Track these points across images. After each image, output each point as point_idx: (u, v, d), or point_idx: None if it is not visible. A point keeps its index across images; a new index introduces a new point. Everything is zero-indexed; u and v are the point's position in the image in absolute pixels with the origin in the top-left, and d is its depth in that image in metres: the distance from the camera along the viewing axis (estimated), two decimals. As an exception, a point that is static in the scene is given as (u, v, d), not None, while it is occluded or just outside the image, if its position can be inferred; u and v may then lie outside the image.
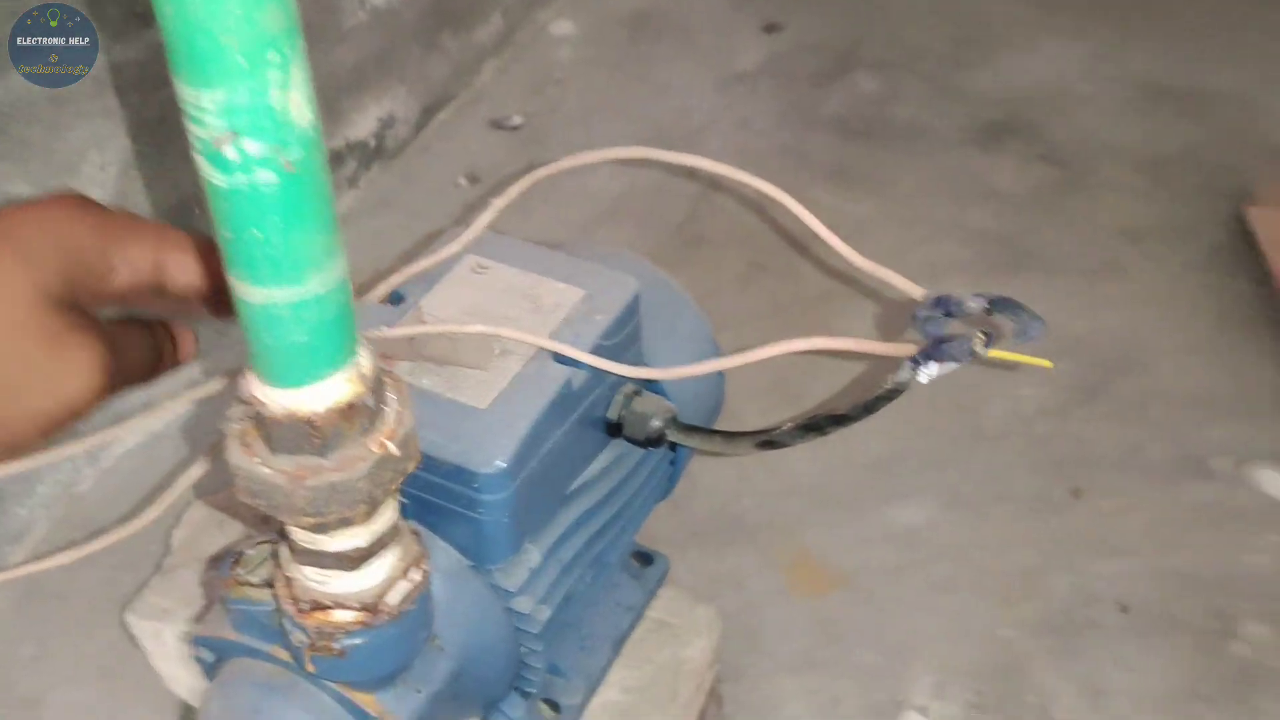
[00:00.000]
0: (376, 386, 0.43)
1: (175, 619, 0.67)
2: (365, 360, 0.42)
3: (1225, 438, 0.97)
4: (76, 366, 0.44)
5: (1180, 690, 0.81)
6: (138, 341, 0.48)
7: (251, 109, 0.34)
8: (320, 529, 0.45)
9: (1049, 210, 1.18)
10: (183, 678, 0.72)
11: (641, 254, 0.70)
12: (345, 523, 0.44)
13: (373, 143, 1.10)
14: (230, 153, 0.35)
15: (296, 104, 0.35)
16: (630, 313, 0.61)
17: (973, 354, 0.47)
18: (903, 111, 1.30)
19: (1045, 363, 0.53)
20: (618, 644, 0.69)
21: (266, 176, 0.36)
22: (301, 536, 0.46)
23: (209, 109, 0.34)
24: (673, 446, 0.68)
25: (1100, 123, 1.28)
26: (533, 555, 0.58)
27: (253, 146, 0.35)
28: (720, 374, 0.71)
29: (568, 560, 0.60)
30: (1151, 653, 0.83)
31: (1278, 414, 0.99)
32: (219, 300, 0.47)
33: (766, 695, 0.80)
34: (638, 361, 0.62)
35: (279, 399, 0.41)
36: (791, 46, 1.38)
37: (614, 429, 0.62)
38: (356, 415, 0.42)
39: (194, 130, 0.35)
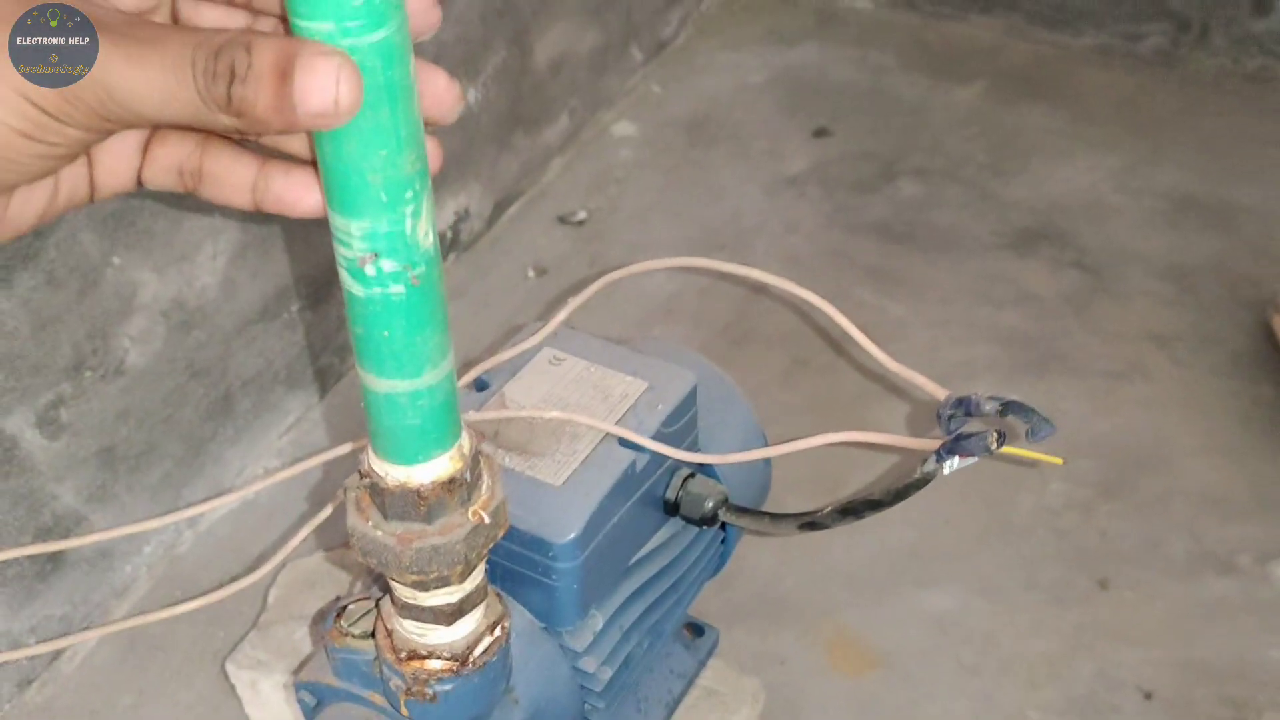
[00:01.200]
0: (474, 464, 0.51)
1: (271, 670, 0.74)
2: (466, 441, 0.50)
3: (1246, 535, 1.02)
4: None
5: (1198, 775, 0.85)
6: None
7: (389, 235, 0.42)
8: (421, 586, 0.52)
9: (1078, 314, 1.24)
10: (274, 727, 0.79)
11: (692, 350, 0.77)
12: (443, 581, 0.52)
13: (449, 235, 1.19)
14: (370, 270, 0.43)
15: (424, 231, 0.43)
16: (688, 403, 0.69)
17: (989, 450, 0.54)
18: (942, 217, 1.38)
19: (1057, 460, 0.60)
20: (671, 708, 0.75)
21: (397, 289, 0.44)
22: (404, 593, 0.54)
23: (355, 235, 0.42)
24: (723, 526, 0.75)
25: (1130, 232, 1.35)
26: (598, 620, 0.65)
27: (388, 265, 0.43)
28: (767, 462, 0.79)
29: (628, 626, 0.67)
30: (1172, 738, 0.88)
31: (1298, 514, 1.03)
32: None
33: (806, 765, 0.85)
34: (694, 447, 0.70)
35: (393, 473, 0.49)
36: (838, 153, 1.46)
37: (672, 508, 0.69)
38: (457, 489, 0.50)
39: (341, 251, 0.43)
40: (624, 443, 0.65)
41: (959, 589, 0.98)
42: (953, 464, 0.57)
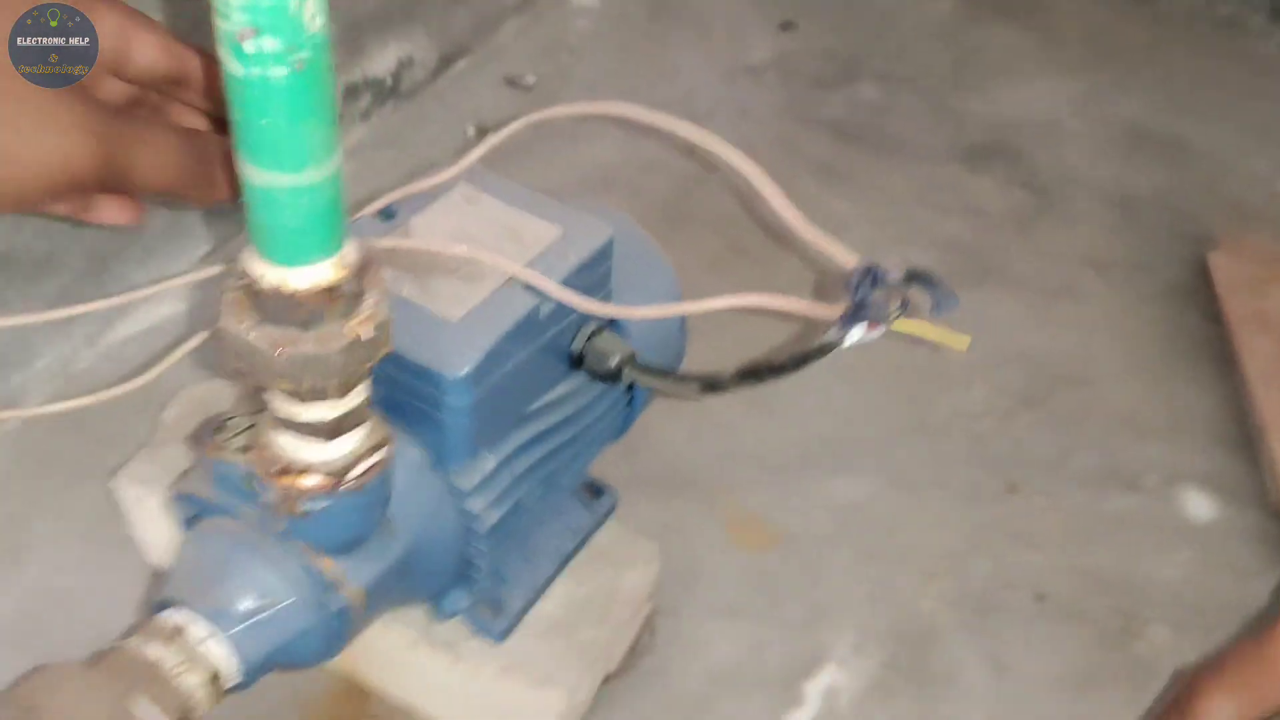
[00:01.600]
0: (358, 278, 0.49)
1: (158, 488, 0.73)
2: (351, 251, 0.49)
3: (1155, 456, 1.03)
4: (74, 116, 0.45)
5: (1079, 675, 0.87)
6: (169, 140, 0.50)
7: (271, 10, 0.40)
8: (295, 396, 0.51)
9: (1021, 231, 1.24)
10: (160, 546, 0.78)
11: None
12: (318, 394, 0.51)
13: (389, 82, 1.16)
14: (249, 47, 0.41)
15: (310, 12, 0.41)
16: (603, 255, 0.67)
17: (887, 318, 0.53)
18: (898, 123, 1.36)
19: (962, 339, 0.58)
20: (561, 562, 0.75)
21: (279, 71, 0.42)
22: (280, 406, 0.52)
23: (234, 5, 0.40)
24: (630, 387, 0.74)
25: (1082, 158, 1.34)
26: (488, 462, 0.64)
27: (269, 43, 0.41)
28: (682, 330, 0.78)
29: (520, 472, 0.66)
30: (1057, 640, 0.89)
31: (1208, 442, 1.05)
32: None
33: (697, 635, 0.86)
34: (607, 302, 0.68)
35: (270, 274, 0.47)
36: (802, 48, 1.44)
37: (576, 361, 0.68)
38: (337, 299, 0.48)
39: (219, 23, 0.41)
40: (530, 287, 0.64)
41: (868, 480, 0.98)
42: (855, 333, 0.57)
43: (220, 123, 0.57)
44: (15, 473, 0.85)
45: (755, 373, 0.62)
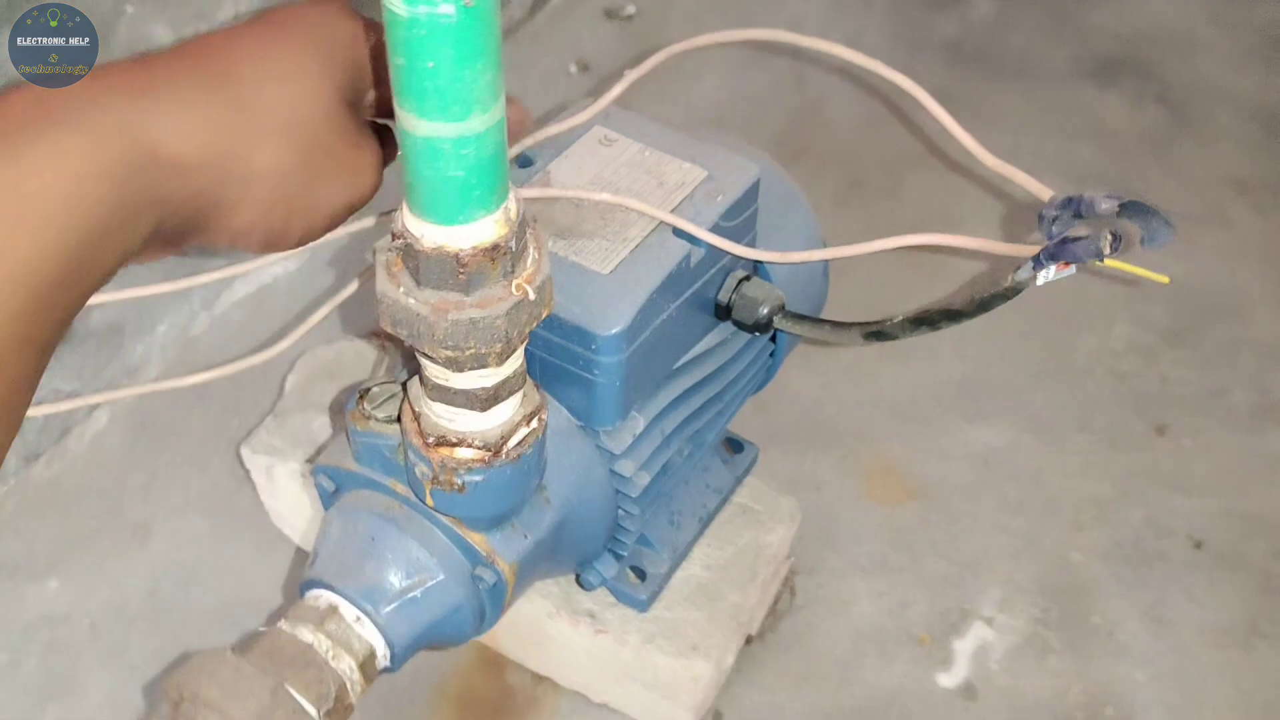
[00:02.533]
0: (521, 233, 0.45)
1: (287, 457, 0.70)
2: (514, 205, 0.44)
3: (1315, 391, 0.97)
4: (366, 161, 0.47)
5: (1241, 625, 0.82)
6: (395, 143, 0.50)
7: (439, -56, 0.36)
8: (454, 365, 0.47)
9: (1157, 153, 1.16)
10: (288, 516, 0.76)
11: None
12: (479, 361, 0.47)
13: (488, 23, 1.10)
14: (415, -18, 0.36)
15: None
16: (750, 197, 0.62)
17: (1099, 255, 0.48)
18: (1017, 40, 1.28)
19: (1163, 278, 0.53)
20: (705, 523, 0.71)
21: (447, 9, 0.37)
22: (435, 372, 0.49)
23: (400, -61, 0.35)
24: (775, 337, 0.69)
25: (1219, 69, 1.25)
26: (639, 422, 0.60)
27: (436, -21, 0.36)
28: (825, 273, 0.73)
29: (669, 432, 0.62)
30: (1217, 588, 0.84)
31: (1369, 373, 0.98)
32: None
33: (838, 591, 0.82)
34: (753, 247, 0.64)
35: (431, 234, 0.43)
36: (909, -35, 1.36)
37: (724, 312, 0.64)
38: (501, 257, 0.44)
39: (384, -40, 0.37)
40: (679, 233, 0.59)
41: (1008, 426, 0.93)
42: (1048, 273, 0.51)
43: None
44: (139, 445, 0.83)
45: (929, 320, 0.57)
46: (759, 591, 0.72)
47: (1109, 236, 0.47)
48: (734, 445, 0.76)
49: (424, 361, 0.49)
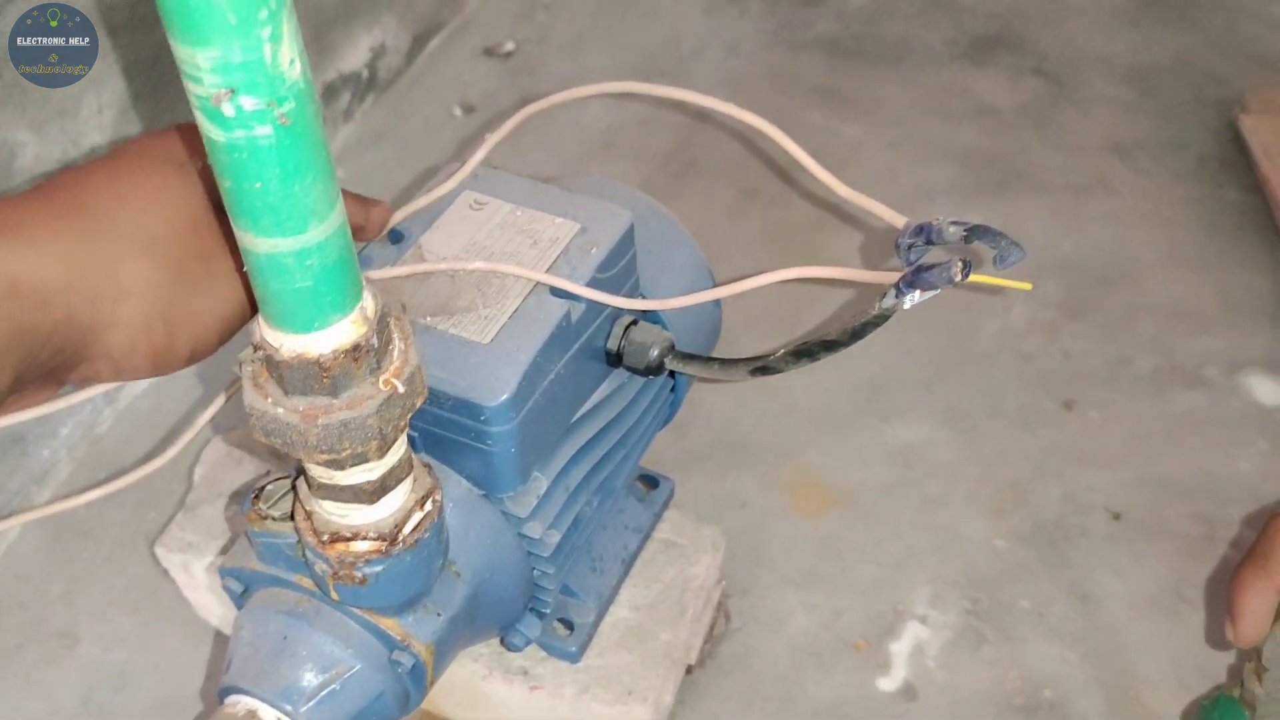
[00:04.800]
0: (382, 327, 0.45)
1: (202, 552, 0.70)
2: (369, 302, 0.44)
3: (1213, 347, 0.99)
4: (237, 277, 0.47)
5: (1167, 593, 0.84)
6: None
7: (245, 66, 0.35)
8: (335, 465, 0.47)
9: (1039, 126, 1.19)
10: (213, 606, 0.75)
11: (635, 185, 0.71)
12: (359, 459, 0.47)
13: (365, 74, 1.10)
14: (228, 109, 0.36)
15: (288, 58, 0.36)
16: (625, 244, 0.63)
17: (953, 281, 0.49)
18: (893, 28, 1.30)
19: (1025, 285, 0.54)
20: (627, 564, 0.72)
21: (263, 131, 0.37)
22: (318, 472, 0.48)
23: (204, 68, 0.35)
24: (672, 374, 0.70)
25: (1090, 34, 1.28)
26: (541, 483, 0.60)
27: (249, 102, 0.36)
28: (717, 303, 0.73)
29: (575, 486, 0.63)
30: (1140, 559, 0.86)
31: (1267, 322, 1.00)
32: None
33: (772, 609, 0.83)
34: (634, 292, 0.64)
35: (289, 343, 0.43)
36: (781, -35, 1.37)
37: (614, 359, 0.64)
38: (363, 356, 0.44)
39: (192, 88, 0.36)
40: (557, 292, 0.59)
41: (922, 421, 0.94)
42: (914, 298, 0.52)
43: None
44: (55, 553, 0.82)
45: (808, 352, 0.58)
46: (690, 625, 0.72)
47: (960, 263, 0.48)
48: (649, 481, 0.76)
49: (305, 463, 0.48)
